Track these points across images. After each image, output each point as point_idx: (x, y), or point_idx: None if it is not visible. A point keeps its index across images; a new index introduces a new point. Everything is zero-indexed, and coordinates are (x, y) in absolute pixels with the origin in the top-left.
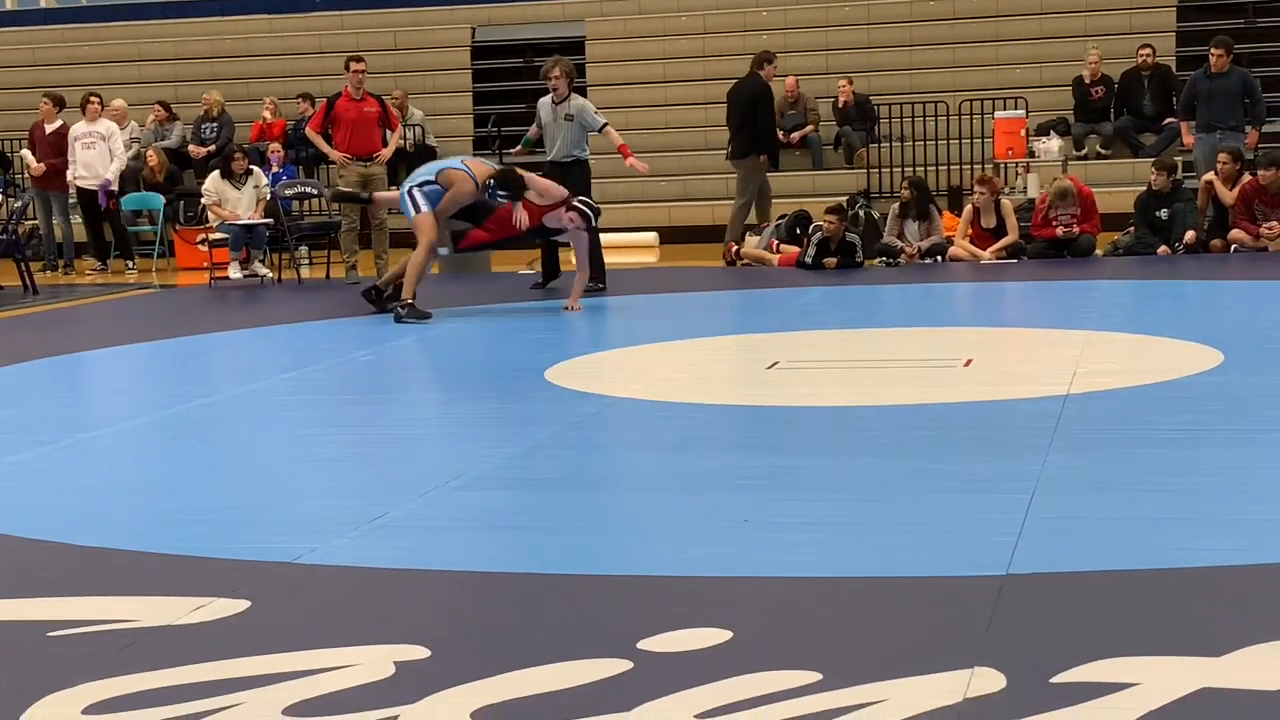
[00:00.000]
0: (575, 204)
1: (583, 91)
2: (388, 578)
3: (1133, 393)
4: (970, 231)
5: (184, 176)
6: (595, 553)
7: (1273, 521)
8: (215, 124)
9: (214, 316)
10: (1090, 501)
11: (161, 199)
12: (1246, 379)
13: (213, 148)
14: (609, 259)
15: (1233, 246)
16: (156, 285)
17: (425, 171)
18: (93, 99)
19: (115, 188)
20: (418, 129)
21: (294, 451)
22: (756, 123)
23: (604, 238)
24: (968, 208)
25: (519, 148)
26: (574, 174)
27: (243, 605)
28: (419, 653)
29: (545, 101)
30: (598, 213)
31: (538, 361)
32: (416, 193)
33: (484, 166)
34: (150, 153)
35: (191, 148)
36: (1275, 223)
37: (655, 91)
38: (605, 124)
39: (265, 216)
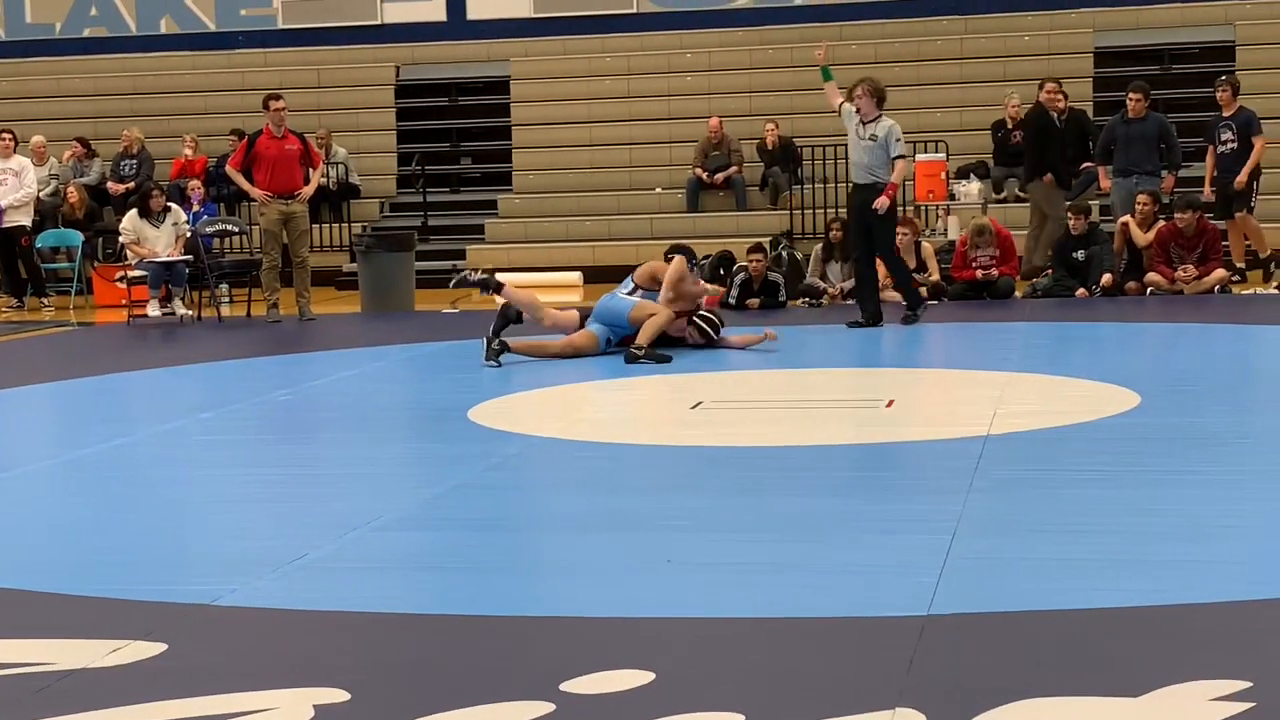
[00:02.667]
0: (698, 320)
1: (506, 132)
2: (307, 619)
3: (1052, 434)
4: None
5: (104, 213)
6: (517, 594)
7: (1189, 562)
8: (135, 161)
9: (132, 355)
10: (1011, 542)
11: (80, 236)
12: (1162, 420)
13: (132, 184)
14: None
15: (1149, 289)
16: (74, 323)
17: (623, 286)
18: (4, 134)
19: (26, 222)
20: (341, 167)
21: (213, 491)
22: (1037, 148)
23: (526, 277)
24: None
25: None
26: (870, 197)
27: (160, 648)
28: (338, 695)
29: (852, 111)
30: (718, 327)
31: (460, 401)
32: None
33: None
34: (70, 189)
35: (110, 184)
36: (1191, 266)
37: (579, 132)
38: (899, 157)
39: (185, 254)
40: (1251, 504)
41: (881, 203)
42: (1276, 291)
